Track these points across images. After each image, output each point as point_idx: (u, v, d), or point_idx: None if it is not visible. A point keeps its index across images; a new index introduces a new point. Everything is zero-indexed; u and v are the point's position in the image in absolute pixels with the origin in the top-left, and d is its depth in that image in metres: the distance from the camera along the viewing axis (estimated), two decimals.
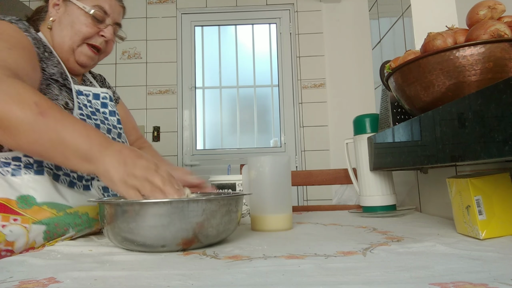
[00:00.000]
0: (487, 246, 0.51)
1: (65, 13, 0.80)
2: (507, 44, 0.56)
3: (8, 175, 0.65)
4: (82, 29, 0.79)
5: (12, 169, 0.66)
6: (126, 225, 0.52)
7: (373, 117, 1.00)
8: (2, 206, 0.62)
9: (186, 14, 2.81)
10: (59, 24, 0.80)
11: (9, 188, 0.64)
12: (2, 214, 0.61)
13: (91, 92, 0.84)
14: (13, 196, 0.64)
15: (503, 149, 0.43)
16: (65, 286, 0.38)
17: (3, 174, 0.65)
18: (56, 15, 0.80)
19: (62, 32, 0.79)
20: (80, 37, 0.79)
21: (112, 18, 0.83)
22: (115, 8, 0.84)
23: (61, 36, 0.79)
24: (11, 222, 0.62)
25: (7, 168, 0.65)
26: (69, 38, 0.79)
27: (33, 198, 0.64)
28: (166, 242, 0.52)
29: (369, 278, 0.38)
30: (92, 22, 0.80)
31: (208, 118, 2.77)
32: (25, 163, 0.66)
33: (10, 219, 0.62)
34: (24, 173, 0.66)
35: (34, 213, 0.64)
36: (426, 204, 1.01)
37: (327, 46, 2.72)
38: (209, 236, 0.55)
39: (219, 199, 0.56)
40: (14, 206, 0.63)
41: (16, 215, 0.62)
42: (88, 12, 0.79)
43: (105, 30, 0.82)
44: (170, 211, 0.51)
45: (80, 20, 0.79)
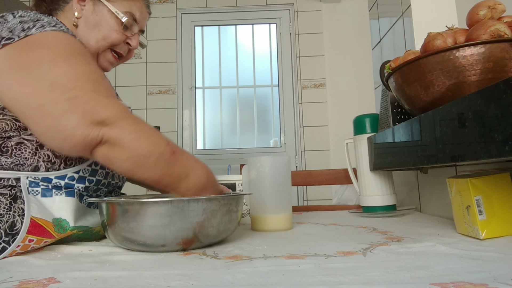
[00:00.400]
0: (487, 246, 0.51)
1: (93, 13, 0.73)
2: (507, 44, 0.56)
3: (38, 196, 0.61)
4: (112, 35, 0.74)
5: (42, 189, 0.61)
6: (127, 224, 0.52)
7: (373, 117, 1.00)
8: (41, 229, 0.57)
9: (186, 14, 2.81)
10: (85, 23, 0.73)
11: (44, 209, 0.60)
12: (38, 237, 0.56)
13: None
14: (49, 218, 0.59)
15: (503, 149, 0.43)
16: (65, 286, 0.38)
17: (34, 194, 0.60)
18: (81, 12, 0.73)
19: (88, 34, 0.73)
20: (107, 43, 0.74)
21: (140, 26, 0.79)
22: (144, 15, 0.80)
23: (86, 37, 0.73)
24: (40, 245, 0.57)
25: (36, 188, 0.61)
26: (95, 41, 0.73)
27: (66, 222, 0.61)
28: (166, 242, 0.53)
29: (369, 278, 0.38)
30: (122, 30, 0.75)
31: (208, 118, 2.77)
32: (54, 184, 0.62)
33: (42, 242, 0.57)
34: (55, 194, 0.62)
35: (63, 236, 0.61)
36: (426, 204, 1.01)
37: (327, 46, 2.72)
38: (209, 235, 0.55)
39: (219, 198, 0.57)
40: (52, 230, 0.58)
41: (49, 239, 0.58)
42: (120, 19, 0.73)
43: (132, 39, 0.78)
44: (171, 210, 0.52)
45: (110, 25, 0.73)
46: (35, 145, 0.61)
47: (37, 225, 0.56)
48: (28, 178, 0.60)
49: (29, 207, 0.57)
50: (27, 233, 0.55)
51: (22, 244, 0.54)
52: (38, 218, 0.57)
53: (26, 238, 0.55)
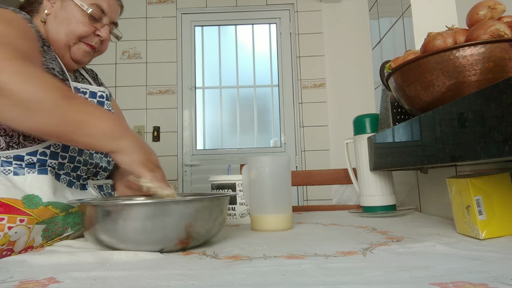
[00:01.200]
0: (487, 246, 0.51)
1: (61, 8, 0.77)
2: (507, 44, 0.56)
3: (10, 174, 0.63)
4: (79, 27, 0.77)
5: (14, 168, 0.64)
6: (104, 226, 0.52)
7: (373, 117, 1.00)
8: (8, 207, 0.60)
9: (186, 14, 2.81)
10: (54, 19, 0.77)
11: (13, 188, 0.62)
12: (8, 215, 0.59)
13: (88, 90, 0.82)
14: (18, 196, 0.62)
15: (503, 149, 0.43)
16: (65, 286, 0.38)
17: (5, 173, 0.63)
18: (51, 9, 0.77)
19: (57, 28, 0.76)
20: (75, 36, 0.77)
21: (109, 17, 0.81)
22: (113, 7, 0.82)
23: (56, 32, 0.76)
24: (17, 224, 0.60)
25: (9, 167, 0.63)
26: (64, 35, 0.76)
27: (38, 198, 0.63)
28: (147, 244, 0.52)
29: (369, 278, 0.38)
30: (89, 21, 0.77)
31: (208, 118, 2.78)
32: (27, 162, 0.64)
33: (17, 220, 0.59)
34: (27, 172, 0.64)
35: (40, 213, 0.63)
36: (426, 204, 1.01)
37: (327, 46, 2.72)
38: (194, 238, 0.55)
39: (198, 200, 0.55)
40: (21, 206, 0.61)
41: (23, 216, 0.60)
42: (85, 11, 0.76)
43: (102, 30, 0.80)
44: (151, 212, 0.51)
45: (77, 18, 0.76)
46: None
47: (2, 204, 0.59)
48: (1, 157, 0.62)
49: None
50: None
51: None
52: (4, 198, 0.60)
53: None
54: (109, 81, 2.68)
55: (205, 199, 0.56)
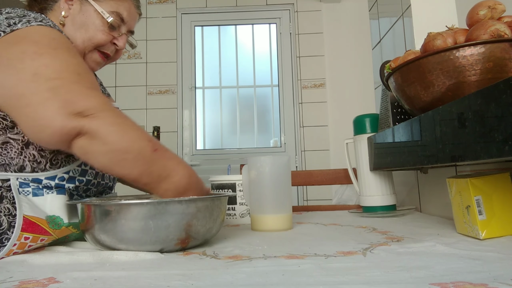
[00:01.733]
0: (487, 246, 0.51)
1: (79, 12, 0.72)
2: (507, 44, 0.56)
3: (29, 195, 0.60)
4: (97, 35, 0.73)
5: (33, 189, 0.61)
6: (104, 226, 0.52)
7: (373, 117, 1.00)
8: (35, 226, 0.57)
9: (186, 14, 2.81)
10: (72, 23, 0.72)
11: (36, 207, 0.59)
12: (33, 235, 0.57)
13: None
14: (42, 215, 0.59)
15: (503, 149, 0.43)
16: (65, 286, 0.38)
17: (25, 194, 0.60)
18: (68, 11, 0.72)
19: (74, 33, 0.72)
20: (93, 44, 0.74)
21: (127, 26, 0.78)
22: (133, 15, 0.79)
23: (73, 37, 0.72)
24: (38, 243, 0.58)
25: (26, 188, 0.60)
26: (81, 41, 0.72)
27: (60, 219, 0.61)
28: (146, 243, 0.52)
29: (369, 278, 0.38)
30: (108, 30, 0.74)
31: (208, 118, 2.77)
32: (44, 185, 0.62)
33: (39, 239, 0.58)
34: (46, 193, 0.62)
35: (60, 233, 0.61)
36: (426, 204, 1.01)
37: (327, 46, 2.72)
38: (194, 238, 0.55)
39: (190, 200, 0.55)
40: (46, 226, 0.59)
41: (45, 236, 0.58)
42: (105, 19, 0.72)
43: (119, 39, 0.77)
44: (148, 212, 0.51)
45: (96, 25, 0.73)
46: (21, 145, 0.60)
47: (30, 223, 0.57)
48: (18, 179, 0.59)
49: (21, 206, 0.57)
50: (21, 230, 0.55)
51: (18, 242, 0.55)
52: (30, 216, 0.58)
53: (21, 236, 0.55)
54: (109, 81, 2.68)
55: (205, 199, 0.56)
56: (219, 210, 0.59)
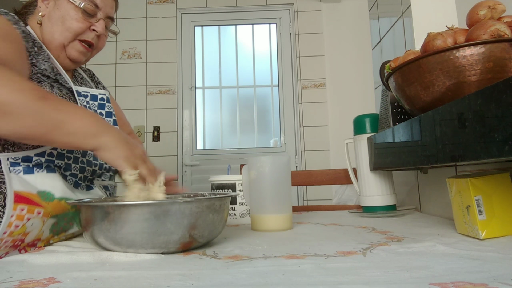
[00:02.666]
0: (487, 246, 0.51)
1: (54, 8, 0.76)
2: (507, 44, 0.56)
3: (20, 173, 0.64)
4: (73, 24, 0.76)
5: (23, 168, 0.64)
6: (105, 227, 0.51)
7: (373, 117, 1.00)
8: (26, 199, 0.61)
9: (186, 14, 2.81)
10: (48, 19, 0.76)
11: (27, 183, 0.63)
12: (28, 205, 0.60)
13: (89, 93, 0.82)
14: (33, 190, 0.63)
15: (503, 149, 0.43)
16: (65, 286, 0.38)
17: (16, 173, 0.64)
18: (45, 10, 0.77)
19: (52, 28, 0.76)
20: (71, 33, 0.76)
21: (104, 11, 0.80)
22: (107, 1, 0.81)
23: (51, 32, 0.76)
24: (35, 215, 0.61)
25: (17, 167, 0.64)
26: (59, 34, 0.76)
27: (51, 194, 0.64)
28: (143, 245, 0.51)
29: (369, 278, 0.38)
30: (83, 17, 0.76)
31: (208, 118, 2.78)
32: (35, 162, 0.65)
33: (35, 211, 0.61)
34: (37, 171, 0.65)
35: (54, 207, 0.64)
36: (426, 204, 1.01)
37: (327, 46, 2.72)
38: (198, 239, 0.54)
39: (203, 200, 0.54)
40: (38, 200, 0.62)
41: (40, 208, 0.62)
42: (78, 6, 0.75)
43: (97, 25, 0.79)
44: (152, 213, 0.50)
45: (70, 15, 0.75)
46: None
47: (22, 197, 0.60)
48: (9, 159, 0.63)
49: (11, 183, 0.60)
50: (15, 202, 0.58)
51: (14, 213, 0.58)
52: (21, 191, 0.61)
53: (16, 207, 0.59)
54: (109, 81, 2.68)
55: (209, 200, 0.54)
56: (223, 211, 0.58)
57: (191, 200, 0.52)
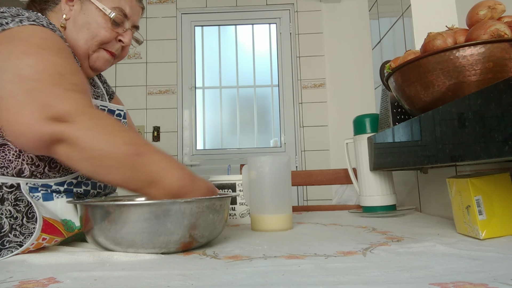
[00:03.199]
0: (487, 246, 0.51)
1: (80, 12, 0.70)
2: (507, 44, 0.56)
3: (40, 200, 0.60)
4: (100, 33, 0.70)
5: (42, 194, 0.61)
6: (104, 227, 0.51)
7: (373, 117, 1.00)
8: (54, 229, 0.57)
9: (186, 14, 2.81)
10: (73, 24, 0.70)
11: (49, 211, 0.59)
12: (50, 236, 0.56)
13: (107, 108, 0.77)
14: (57, 218, 0.59)
15: (503, 149, 0.43)
16: (65, 286, 0.38)
17: (36, 199, 0.59)
18: (69, 13, 0.71)
19: (77, 35, 0.70)
20: (96, 42, 0.71)
21: (131, 21, 0.75)
22: (136, 9, 0.76)
23: (76, 39, 0.70)
24: (52, 244, 0.58)
25: (36, 193, 0.60)
26: (84, 42, 0.70)
27: (72, 223, 0.61)
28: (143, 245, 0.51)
29: (369, 278, 0.38)
30: (111, 26, 0.71)
31: (208, 118, 2.77)
32: (53, 190, 0.62)
33: (53, 241, 0.57)
34: (56, 197, 0.61)
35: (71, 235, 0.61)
36: (426, 204, 1.01)
37: (327, 46, 2.72)
38: (198, 239, 0.54)
39: (203, 200, 0.54)
40: (62, 229, 0.59)
41: (60, 237, 0.58)
42: (107, 15, 0.70)
43: (124, 35, 0.74)
44: (154, 213, 0.50)
45: (98, 22, 0.70)
46: (18, 147, 0.58)
47: (49, 225, 0.57)
48: (28, 184, 0.59)
49: (38, 207, 0.56)
50: (41, 231, 0.55)
51: (36, 242, 0.55)
52: (49, 218, 0.57)
53: (40, 237, 0.55)
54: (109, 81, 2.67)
55: (209, 200, 0.54)
56: (223, 211, 0.58)
57: (191, 200, 0.52)
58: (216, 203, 0.55)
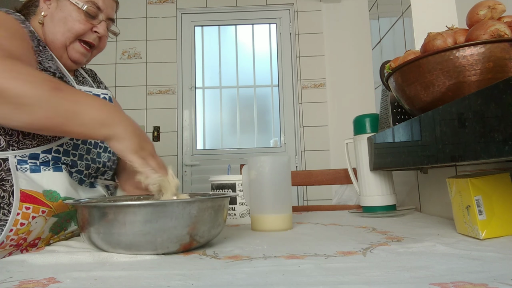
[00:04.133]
0: (487, 246, 0.51)
1: (57, 9, 0.77)
2: (507, 44, 0.56)
3: (27, 172, 0.65)
4: (75, 25, 0.77)
5: (30, 165, 0.66)
6: (101, 228, 0.51)
7: (373, 117, 1.00)
8: (32, 198, 0.63)
9: (186, 14, 2.81)
10: (51, 20, 0.77)
11: (33, 182, 0.64)
12: (33, 205, 0.62)
13: (91, 93, 0.82)
14: (39, 189, 0.64)
15: (503, 149, 0.43)
16: (65, 286, 0.38)
17: (23, 171, 0.65)
18: (47, 11, 0.78)
19: (54, 29, 0.77)
20: (72, 34, 0.77)
21: (105, 13, 0.81)
22: (109, 3, 0.82)
23: (53, 32, 0.77)
24: (39, 214, 0.62)
25: (24, 165, 0.65)
26: (61, 34, 0.77)
27: (57, 193, 0.66)
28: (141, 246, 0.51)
29: (369, 278, 0.38)
30: (85, 18, 0.78)
31: (208, 118, 2.77)
32: (42, 160, 0.66)
33: (39, 210, 0.62)
34: (43, 170, 0.66)
35: (57, 207, 0.66)
36: (426, 204, 1.01)
37: (327, 46, 2.72)
38: (200, 236, 0.54)
39: (205, 200, 0.54)
40: (43, 199, 0.63)
41: (45, 207, 0.63)
42: (81, 8, 0.77)
43: (98, 26, 0.80)
44: (152, 214, 0.49)
45: (73, 16, 0.77)
46: None
47: (28, 195, 0.62)
48: (16, 156, 0.64)
49: (17, 181, 0.61)
50: (20, 201, 0.60)
51: (21, 212, 0.60)
52: (28, 190, 0.62)
53: (22, 206, 0.60)
54: (109, 81, 2.68)
55: (209, 200, 0.54)
56: (223, 211, 0.58)
57: (190, 201, 0.52)
58: (215, 203, 0.55)
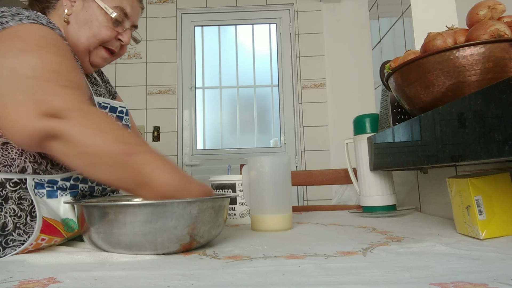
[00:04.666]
0: (487, 246, 0.51)
1: (82, 9, 0.72)
2: (507, 44, 0.56)
3: (44, 197, 0.60)
4: (102, 31, 0.72)
5: (47, 191, 0.61)
6: (100, 228, 0.51)
7: (373, 117, 1.00)
8: (53, 229, 0.57)
9: (186, 14, 2.81)
10: (75, 20, 0.71)
11: (51, 210, 0.60)
12: (49, 236, 0.57)
13: (109, 105, 0.78)
14: (57, 218, 0.59)
15: (503, 149, 0.43)
16: (65, 286, 0.38)
17: (40, 196, 0.60)
18: (71, 9, 0.72)
19: (79, 31, 0.71)
20: (98, 40, 0.73)
21: (131, 20, 0.77)
22: (136, 10, 0.78)
23: (77, 35, 0.71)
24: (51, 244, 0.58)
25: (41, 190, 0.60)
26: (86, 39, 0.72)
27: (73, 222, 0.61)
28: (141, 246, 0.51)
29: (369, 278, 0.38)
30: (112, 25, 0.73)
31: (208, 118, 2.77)
32: (59, 186, 0.62)
33: (52, 241, 0.58)
34: (60, 195, 0.62)
35: (70, 235, 0.61)
36: (426, 204, 1.01)
37: (327, 46, 2.72)
38: (200, 236, 0.54)
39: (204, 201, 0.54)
40: (61, 229, 0.59)
41: (59, 238, 0.59)
42: (109, 14, 0.71)
43: (124, 35, 0.76)
44: (152, 215, 0.49)
45: (99, 20, 0.72)
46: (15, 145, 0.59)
47: (48, 225, 0.57)
48: (34, 179, 0.59)
49: (39, 207, 0.57)
50: (40, 232, 0.55)
51: (34, 243, 0.55)
52: (49, 218, 0.58)
53: (39, 237, 0.55)
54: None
55: (209, 200, 0.54)
56: (223, 211, 0.58)
57: (191, 201, 0.52)
58: (215, 203, 0.55)
